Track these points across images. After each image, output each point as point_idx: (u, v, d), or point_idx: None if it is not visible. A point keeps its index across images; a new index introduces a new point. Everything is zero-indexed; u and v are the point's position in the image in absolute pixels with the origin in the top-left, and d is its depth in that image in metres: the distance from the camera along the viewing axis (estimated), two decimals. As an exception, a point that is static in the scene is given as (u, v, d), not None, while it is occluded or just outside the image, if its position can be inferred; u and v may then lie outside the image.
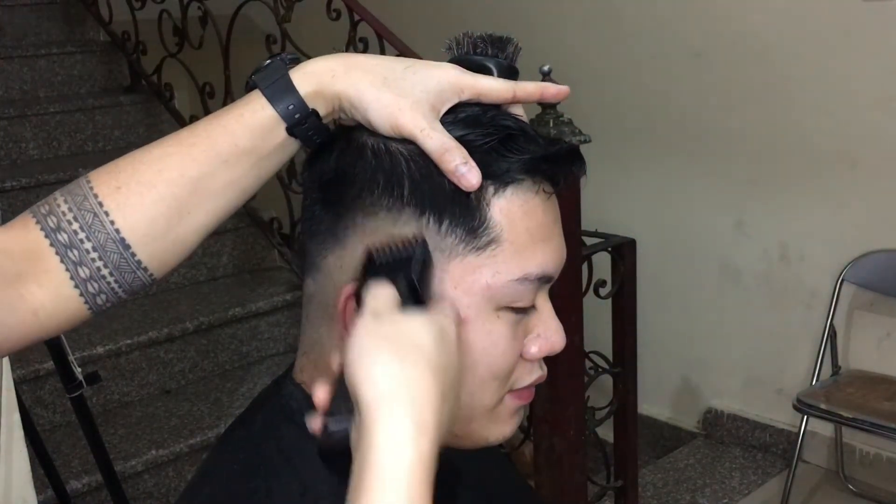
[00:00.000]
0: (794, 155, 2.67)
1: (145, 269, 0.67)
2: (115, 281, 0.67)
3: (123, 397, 2.52)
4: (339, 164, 0.69)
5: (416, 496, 0.54)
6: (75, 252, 0.65)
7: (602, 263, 2.03)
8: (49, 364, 1.98)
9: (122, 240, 0.66)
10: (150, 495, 2.28)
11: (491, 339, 0.68)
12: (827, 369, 2.63)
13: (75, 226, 0.65)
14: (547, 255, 0.69)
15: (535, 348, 0.71)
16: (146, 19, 3.02)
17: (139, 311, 2.66)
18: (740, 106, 2.74)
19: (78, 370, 1.74)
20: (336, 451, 0.59)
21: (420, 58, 0.73)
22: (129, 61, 3.23)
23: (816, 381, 2.60)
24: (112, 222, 0.65)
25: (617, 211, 2.78)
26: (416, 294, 0.63)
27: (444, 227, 0.66)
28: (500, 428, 0.73)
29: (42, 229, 0.65)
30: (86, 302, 0.66)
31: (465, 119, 0.68)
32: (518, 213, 0.67)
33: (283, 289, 2.83)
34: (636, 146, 2.95)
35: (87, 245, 0.65)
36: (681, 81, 2.84)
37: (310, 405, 0.73)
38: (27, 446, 1.57)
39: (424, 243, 0.66)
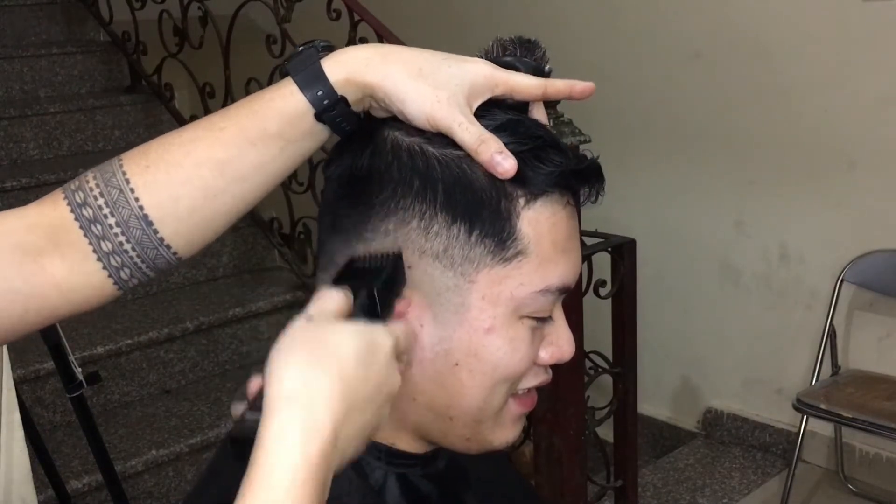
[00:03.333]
0: (794, 155, 2.67)
1: (168, 247, 0.69)
2: (138, 256, 0.68)
3: (123, 397, 2.52)
4: (372, 162, 0.68)
5: (297, 498, 0.53)
6: (98, 227, 0.67)
7: (602, 263, 2.03)
8: (49, 364, 1.98)
9: (146, 216, 0.67)
10: (150, 495, 2.28)
11: (513, 346, 0.69)
12: (827, 369, 2.63)
13: (101, 201, 0.67)
14: (568, 267, 0.70)
15: (547, 355, 0.72)
16: (146, 19, 3.02)
17: (139, 311, 2.66)
18: (740, 106, 2.74)
19: (78, 370, 1.74)
20: (244, 441, 0.58)
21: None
22: (130, 61, 3.23)
23: (816, 380, 2.60)
24: (137, 199, 0.67)
25: (617, 211, 2.78)
26: (374, 306, 0.63)
27: (473, 237, 0.66)
28: (504, 433, 0.74)
29: (69, 204, 0.67)
30: (110, 276, 0.68)
31: (500, 127, 0.67)
32: (546, 224, 0.68)
33: (283, 289, 2.83)
34: (636, 146, 2.95)
35: (111, 220, 0.67)
36: (681, 81, 2.85)
37: None
38: (27, 446, 1.57)
39: (398, 259, 0.66)
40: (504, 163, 0.65)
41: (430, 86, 0.66)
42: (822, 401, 2.42)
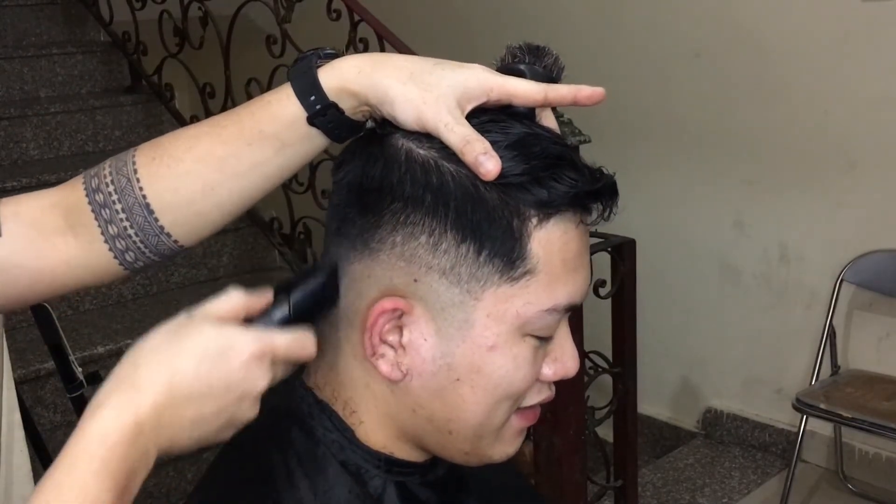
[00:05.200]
0: (794, 155, 2.67)
1: (168, 235, 0.73)
2: (141, 241, 0.73)
3: (124, 397, 2.52)
4: (384, 172, 0.67)
5: (105, 456, 0.58)
6: (107, 211, 0.72)
7: (602, 263, 2.03)
8: (50, 364, 1.98)
9: (147, 205, 0.72)
10: (150, 495, 2.28)
11: (515, 364, 0.68)
12: (826, 369, 2.63)
13: (111, 188, 0.72)
14: (577, 286, 0.69)
15: (550, 371, 0.72)
16: (147, 20, 3.02)
17: (139, 311, 2.67)
18: (740, 106, 2.74)
19: (79, 370, 1.74)
20: None
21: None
22: (130, 61, 3.23)
23: (816, 380, 2.60)
24: (141, 188, 0.72)
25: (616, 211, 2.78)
26: (286, 315, 0.66)
27: (483, 256, 0.66)
28: (503, 447, 0.73)
29: (85, 189, 0.73)
30: (115, 257, 0.73)
31: (514, 144, 0.66)
32: (557, 243, 0.67)
33: (283, 289, 2.83)
34: (636, 146, 2.95)
35: (118, 206, 0.72)
36: (681, 81, 2.85)
37: (321, 409, 0.73)
38: (28, 446, 1.57)
39: (331, 273, 0.69)
40: (487, 163, 0.64)
41: (418, 88, 0.66)
42: (821, 401, 2.42)
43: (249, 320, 0.65)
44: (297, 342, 0.65)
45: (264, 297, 0.65)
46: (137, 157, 0.73)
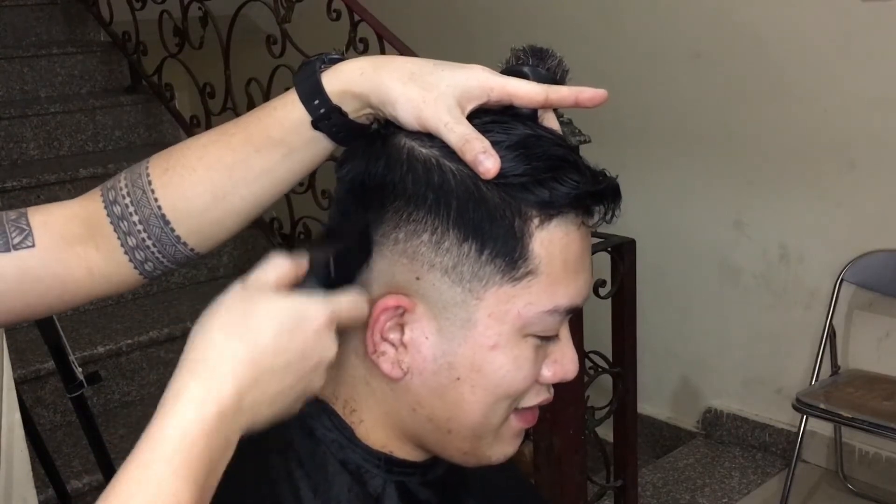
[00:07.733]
0: (794, 155, 2.67)
1: (185, 244, 0.74)
2: (159, 251, 0.74)
3: (124, 397, 2.53)
4: (386, 171, 0.67)
5: (187, 452, 0.55)
6: (125, 223, 0.73)
7: (602, 263, 2.03)
8: (50, 364, 1.98)
9: (163, 216, 0.73)
10: (150, 495, 2.28)
11: (516, 364, 0.69)
12: (826, 369, 2.63)
13: (127, 200, 0.73)
14: (578, 288, 0.69)
15: (550, 373, 0.72)
16: (147, 20, 3.02)
17: (139, 311, 2.67)
18: (740, 106, 2.74)
19: (79, 370, 1.74)
20: None
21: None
22: (130, 61, 3.23)
23: (816, 380, 2.60)
24: (156, 199, 0.73)
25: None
26: (328, 275, 0.64)
27: (484, 255, 0.66)
28: (502, 448, 0.73)
29: (103, 201, 0.74)
30: (135, 267, 0.75)
31: (515, 144, 0.66)
32: (558, 245, 0.67)
33: (283, 289, 2.83)
34: (636, 146, 2.95)
35: (135, 218, 0.73)
36: (681, 81, 2.85)
37: (321, 409, 0.73)
38: (28, 446, 1.57)
39: (364, 231, 0.68)
40: (486, 161, 0.64)
41: (418, 88, 0.67)
42: (821, 401, 2.42)
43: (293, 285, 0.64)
44: (355, 305, 0.65)
45: (305, 260, 0.64)
46: (151, 168, 0.74)
